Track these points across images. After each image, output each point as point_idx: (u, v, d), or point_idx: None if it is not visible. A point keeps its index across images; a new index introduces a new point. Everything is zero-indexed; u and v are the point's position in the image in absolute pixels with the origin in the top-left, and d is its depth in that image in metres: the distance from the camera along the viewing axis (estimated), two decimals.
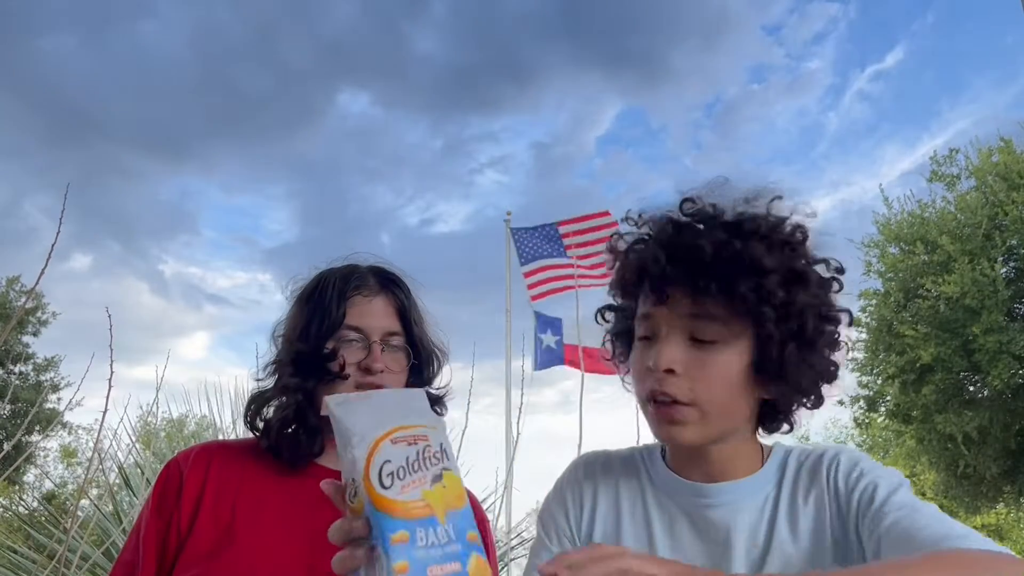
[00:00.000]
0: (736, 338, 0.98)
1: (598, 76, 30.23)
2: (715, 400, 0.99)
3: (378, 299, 1.32)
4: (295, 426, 1.27)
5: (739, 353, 0.99)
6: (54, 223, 2.23)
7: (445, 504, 0.79)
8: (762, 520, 1.03)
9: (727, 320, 0.98)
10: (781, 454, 1.09)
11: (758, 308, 0.96)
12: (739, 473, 1.06)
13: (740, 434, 1.06)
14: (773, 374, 0.99)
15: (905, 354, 12.92)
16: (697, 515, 1.06)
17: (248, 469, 1.28)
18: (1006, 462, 13.38)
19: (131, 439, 4.42)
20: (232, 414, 4.56)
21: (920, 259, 13.12)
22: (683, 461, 1.09)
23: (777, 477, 1.07)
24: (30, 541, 4.05)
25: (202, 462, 1.27)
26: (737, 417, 1.03)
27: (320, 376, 1.25)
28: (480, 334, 13.98)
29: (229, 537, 1.20)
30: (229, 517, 1.22)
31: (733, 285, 0.96)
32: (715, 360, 0.98)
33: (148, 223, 30.83)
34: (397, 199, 34.44)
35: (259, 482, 1.27)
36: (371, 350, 1.27)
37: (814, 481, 1.04)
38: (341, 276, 1.32)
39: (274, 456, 1.28)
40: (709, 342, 0.98)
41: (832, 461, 1.04)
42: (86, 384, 2.85)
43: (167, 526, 1.22)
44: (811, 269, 1.02)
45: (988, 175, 13.14)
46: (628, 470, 1.15)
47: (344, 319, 1.27)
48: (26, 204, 27.11)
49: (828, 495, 1.02)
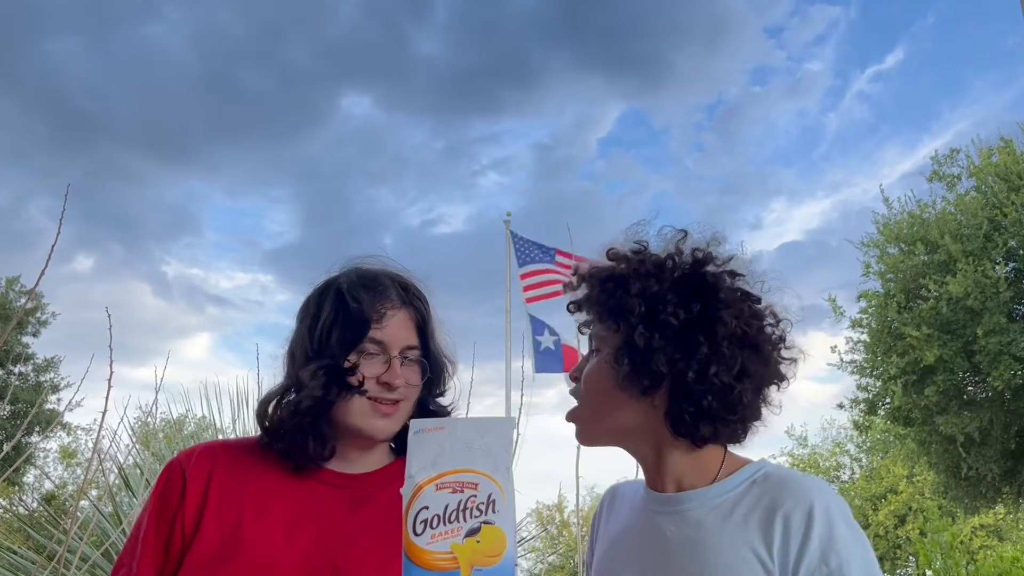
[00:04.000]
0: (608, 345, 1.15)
1: (600, 78, 30.25)
2: (588, 399, 1.19)
3: (401, 313, 1.31)
4: (307, 432, 1.26)
5: (604, 357, 1.16)
6: (57, 225, 2.22)
7: (473, 560, 0.78)
8: (697, 529, 1.08)
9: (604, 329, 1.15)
10: (751, 471, 1.11)
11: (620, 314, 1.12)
12: (696, 483, 1.12)
13: (669, 442, 1.13)
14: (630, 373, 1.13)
15: (906, 355, 12.90)
16: (654, 522, 1.14)
17: (253, 469, 1.27)
18: (1006, 463, 13.36)
19: (131, 440, 4.43)
20: (232, 415, 4.56)
21: (920, 259, 13.10)
22: (648, 475, 1.20)
23: (737, 492, 1.09)
24: (30, 542, 4.05)
25: (205, 462, 1.26)
26: (617, 415, 1.15)
27: (340, 389, 1.25)
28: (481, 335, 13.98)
29: (236, 540, 1.19)
30: (235, 518, 1.21)
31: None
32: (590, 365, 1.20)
33: (151, 225, 30.82)
34: (399, 201, 34.41)
35: (264, 482, 1.26)
36: (391, 365, 1.27)
37: (762, 511, 1.04)
38: (364, 286, 1.30)
39: (284, 457, 1.27)
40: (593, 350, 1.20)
41: (796, 500, 1.03)
42: (88, 385, 2.85)
43: (170, 528, 1.21)
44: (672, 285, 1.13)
45: (988, 176, 13.13)
46: (637, 491, 1.25)
47: (368, 332, 1.26)
48: (30, 206, 27.12)
49: (763, 532, 1.02)
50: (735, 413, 1.08)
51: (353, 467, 1.31)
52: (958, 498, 15.10)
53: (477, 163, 32.50)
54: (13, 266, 19.82)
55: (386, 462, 1.36)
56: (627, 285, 1.12)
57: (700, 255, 1.15)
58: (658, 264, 1.15)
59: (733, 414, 1.08)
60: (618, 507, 1.28)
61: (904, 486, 21.89)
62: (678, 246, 1.17)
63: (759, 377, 1.10)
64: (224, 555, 1.18)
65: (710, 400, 1.06)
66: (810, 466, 24.23)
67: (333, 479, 1.29)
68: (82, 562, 3.24)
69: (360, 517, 1.26)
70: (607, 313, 1.13)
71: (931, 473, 16.35)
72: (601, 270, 1.17)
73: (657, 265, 1.14)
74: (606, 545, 1.24)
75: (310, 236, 30.82)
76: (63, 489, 14.54)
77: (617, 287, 1.13)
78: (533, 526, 14.00)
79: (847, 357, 14.35)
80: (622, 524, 1.23)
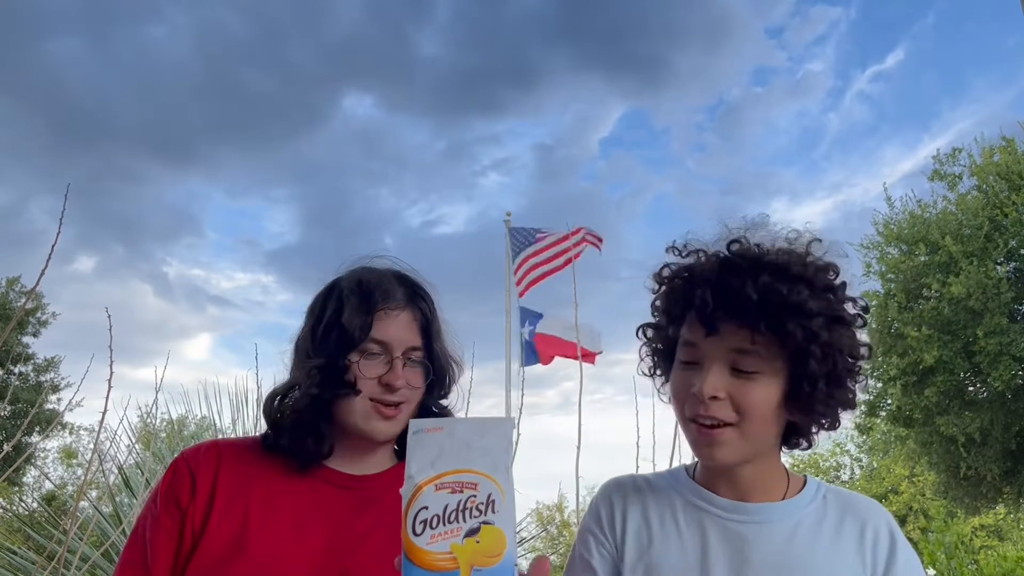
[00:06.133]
0: (774, 371, 1.08)
1: (601, 79, 30.23)
2: (752, 424, 1.08)
3: (404, 313, 1.30)
4: (306, 430, 1.26)
5: (775, 385, 1.09)
6: (58, 225, 2.22)
7: (472, 560, 0.78)
8: (783, 541, 1.12)
9: (769, 354, 1.07)
10: (815, 487, 1.19)
11: (806, 347, 1.05)
12: (766, 495, 1.16)
13: (767, 457, 1.16)
14: (803, 405, 1.09)
15: (907, 356, 12.89)
16: (727, 527, 1.14)
17: (257, 468, 1.27)
18: (1006, 463, 13.36)
19: (131, 440, 4.43)
20: (232, 415, 4.56)
21: (921, 260, 13.10)
22: (713, 480, 1.18)
23: (814, 508, 1.16)
24: (30, 542, 4.05)
25: (212, 460, 1.26)
26: (768, 439, 1.13)
27: (339, 388, 1.24)
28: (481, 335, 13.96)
29: (244, 540, 1.19)
30: (242, 518, 1.21)
31: (783, 325, 1.05)
32: (754, 389, 1.08)
33: (152, 225, 30.81)
34: (400, 201, 34.43)
35: (270, 482, 1.26)
36: (393, 366, 1.26)
37: (851, 525, 1.13)
38: (368, 286, 1.29)
39: (285, 455, 1.27)
40: (749, 372, 1.08)
41: (876, 517, 1.14)
42: (89, 385, 2.85)
43: (179, 526, 1.21)
44: (847, 311, 1.12)
45: (990, 175, 13.12)
46: (656, 490, 1.24)
47: (370, 332, 1.25)
48: (32, 207, 27.12)
49: (858, 545, 1.11)
50: (835, 428, 1.15)
51: (358, 468, 1.30)
52: (959, 498, 15.10)
53: (478, 163, 32.56)
54: (14, 266, 19.86)
55: (391, 463, 1.35)
56: (808, 310, 1.04)
57: (837, 278, 1.12)
58: (833, 291, 1.10)
59: (833, 428, 1.15)
60: (648, 502, 1.21)
61: (905, 486, 21.91)
62: (808, 249, 1.13)
63: (854, 400, 1.16)
64: (232, 555, 1.17)
65: (825, 410, 1.11)
66: (810, 466, 24.24)
67: (339, 480, 1.28)
68: (82, 562, 3.24)
69: (367, 519, 1.26)
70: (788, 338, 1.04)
71: (932, 473, 16.34)
72: (786, 295, 1.04)
73: (833, 292, 1.10)
74: (647, 541, 1.17)
75: (311, 236, 30.87)
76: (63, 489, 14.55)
77: (799, 311, 1.04)
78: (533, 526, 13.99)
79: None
80: (671, 525, 1.17)
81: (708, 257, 1.14)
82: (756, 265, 1.08)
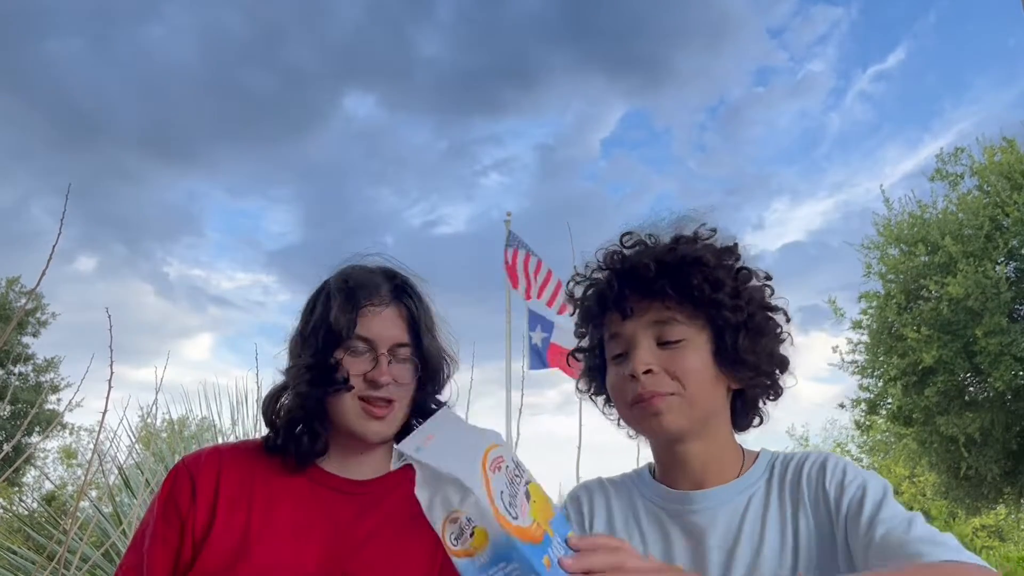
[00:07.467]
0: (697, 334, 1.11)
1: (602, 79, 30.29)
2: (691, 388, 1.10)
3: (389, 310, 1.29)
4: (300, 427, 1.27)
5: (702, 346, 1.11)
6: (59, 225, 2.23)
7: (546, 517, 0.78)
8: (736, 519, 1.11)
9: (688, 319, 1.11)
10: (767, 458, 1.18)
11: (716, 297, 1.09)
12: (724, 477, 1.15)
13: (717, 432, 1.16)
14: (733, 360, 1.11)
15: (907, 356, 12.89)
16: (684, 520, 1.14)
17: (259, 473, 1.27)
18: (1007, 463, 13.36)
19: (131, 440, 4.42)
20: (232, 415, 4.56)
21: (921, 260, 13.10)
22: (670, 471, 1.18)
23: (764, 479, 1.15)
24: (30, 542, 4.06)
25: (212, 466, 1.26)
26: (712, 406, 1.13)
27: (327, 386, 1.24)
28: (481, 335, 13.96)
29: (246, 545, 1.19)
30: (244, 523, 1.21)
31: (688, 281, 1.09)
32: (684, 355, 1.10)
33: (153, 225, 30.78)
34: (401, 201, 34.39)
35: (271, 487, 1.26)
36: (378, 362, 1.25)
37: (799, 484, 1.12)
38: (353, 283, 1.29)
39: (282, 454, 1.27)
40: (675, 342, 1.10)
41: (817, 466, 1.12)
42: (89, 385, 2.85)
43: (179, 533, 1.21)
44: (747, 266, 1.16)
45: (991, 175, 13.12)
46: (620, 491, 1.24)
47: (354, 329, 1.25)
48: (33, 207, 27.09)
49: (812, 497, 1.09)
50: (778, 395, 1.18)
51: (356, 471, 1.31)
52: (959, 499, 15.10)
53: (479, 163, 32.56)
54: (14, 266, 19.85)
55: (388, 466, 1.35)
56: (707, 261, 1.11)
57: (732, 243, 1.17)
58: (729, 251, 1.15)
59: (776, 396, 1.18)
60: (612, 504, 1.23)
61: (906, 486, 21.90)
62: (696, 231, 1.18)
63: (787, 362, 1.19)
64: (234, 561, 1.17)
65: (768, 376, 1.14)
66: None
67: (340, 485, 1.28)
68: (82, 562, 3.24)
69: (368, 523, 1.26)
70: (696, 291, 1.09)
71: (932, 474, 16.34)
72: (684, 254, 1.12)
73: (728, 251, 1.15)
74: None
75: (312, 236, 30.83)
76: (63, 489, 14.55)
77: (699, 262, 1.11)
78: None
79: (848, 358, 14.36)
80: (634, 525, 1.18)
81: (605, 256, 1.18)
82: (651, 244, 1.16)
